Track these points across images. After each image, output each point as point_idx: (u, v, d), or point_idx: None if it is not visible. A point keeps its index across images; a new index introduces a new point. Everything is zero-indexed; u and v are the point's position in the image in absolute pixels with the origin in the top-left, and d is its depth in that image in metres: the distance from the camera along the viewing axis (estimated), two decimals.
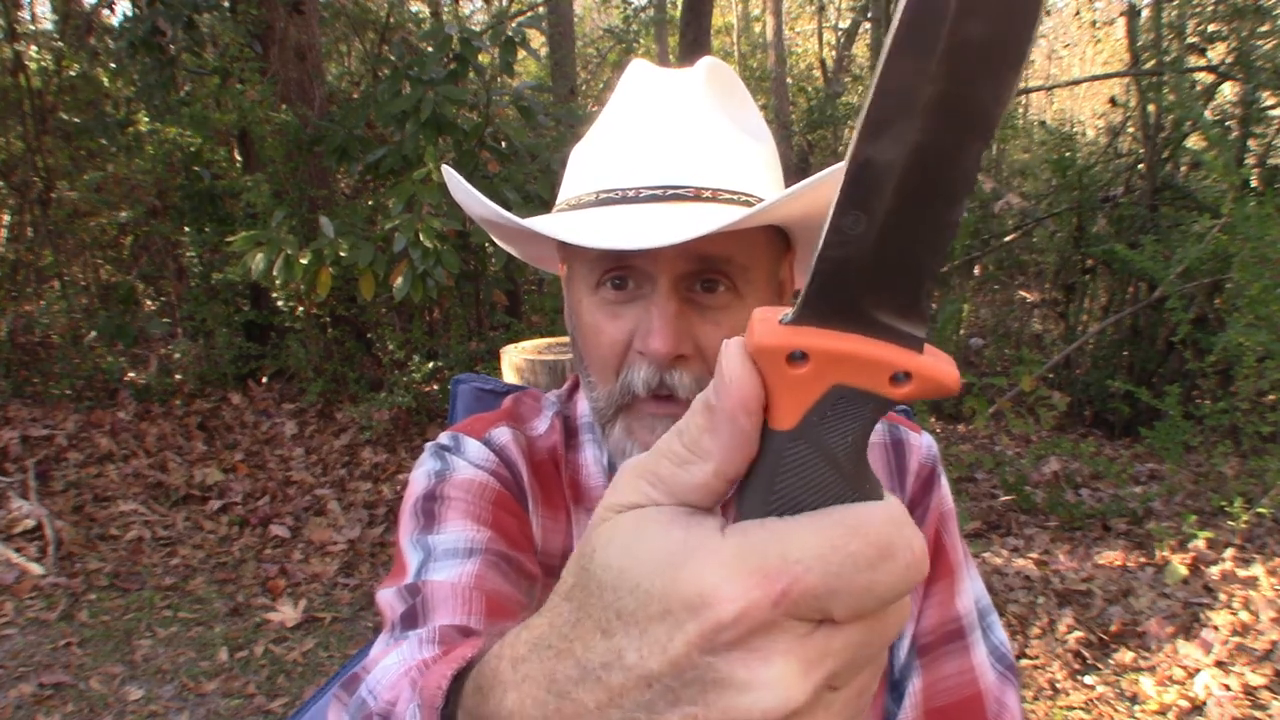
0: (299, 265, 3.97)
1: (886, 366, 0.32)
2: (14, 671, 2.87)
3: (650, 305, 0.75)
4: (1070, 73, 15.45)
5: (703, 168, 0.77)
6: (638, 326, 0.76)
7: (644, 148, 0.78)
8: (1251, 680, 2.62)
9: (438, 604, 0.68)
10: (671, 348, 0.73)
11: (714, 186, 0.76)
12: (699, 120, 0.79)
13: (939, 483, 0.91)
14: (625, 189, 0.77)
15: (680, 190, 0.75)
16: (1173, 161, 6.11)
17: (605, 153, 0.81)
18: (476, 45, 4.34)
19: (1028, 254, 7.90)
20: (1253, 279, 3.62)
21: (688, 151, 0.77)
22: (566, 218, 0.79)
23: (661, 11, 11.40)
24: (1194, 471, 4.20)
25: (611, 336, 0.78)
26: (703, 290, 0.76)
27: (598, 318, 0.79)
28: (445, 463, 0.85)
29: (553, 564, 0.86)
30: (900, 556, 0.30)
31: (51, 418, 4.57)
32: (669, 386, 0.75)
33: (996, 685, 0.87)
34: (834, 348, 0.32)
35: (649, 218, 0.74)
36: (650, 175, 0.76)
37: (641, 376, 0.76)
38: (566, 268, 0.86)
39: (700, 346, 0.76)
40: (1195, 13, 5.93)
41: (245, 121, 4.72)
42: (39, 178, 5.45)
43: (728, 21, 14.70)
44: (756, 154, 0.81)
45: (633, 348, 0.77)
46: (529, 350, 1.97)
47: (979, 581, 0.92)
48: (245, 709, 2.77)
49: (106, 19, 6.13)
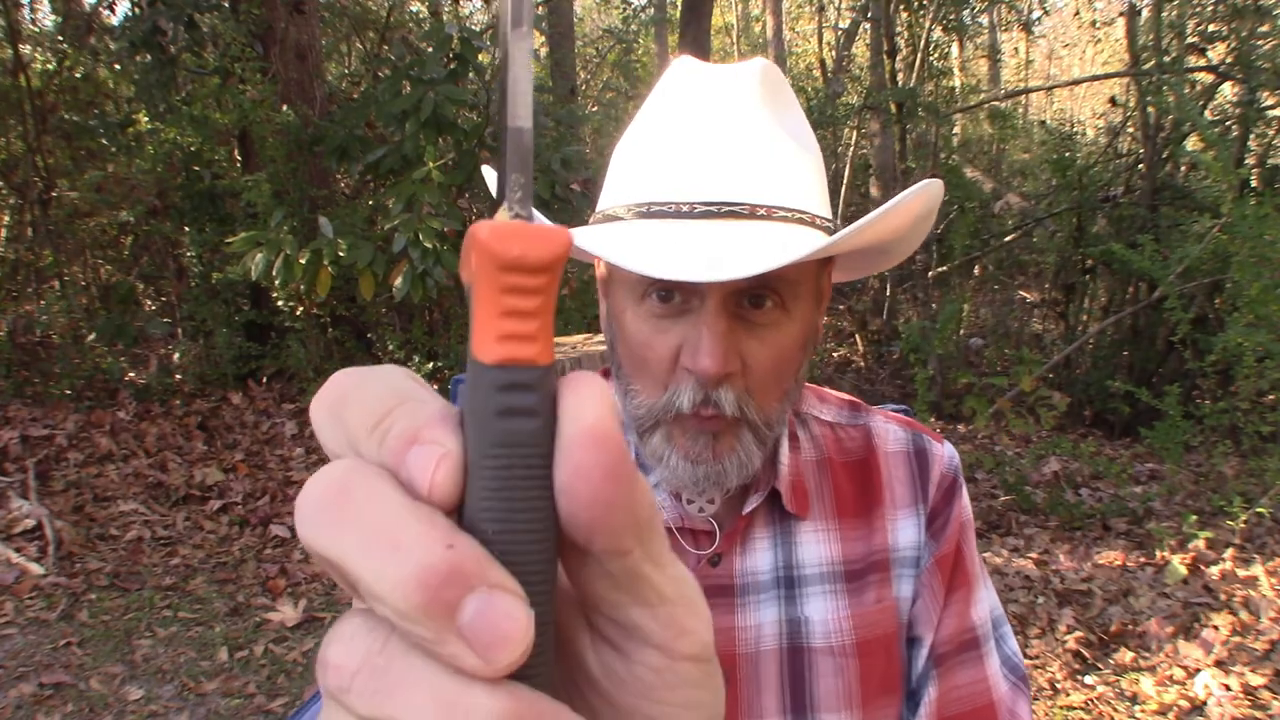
0: (298, 265, 3.98)
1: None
2: (14, 671, 2.87)
3: (700, 323, 0.73)
4: (1070, 73, 15.45)
5: (759, 182, 0.74)
6: (685, 342, 0.75)
7: (697, 158, 0.75)
8: (1251, 680, 2.62)
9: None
10: (721, 367, 0.72)
11: (770, 204, 0.74)
12: (754, 130, 0.76)
13: (960, 492, 0.91)
14: (679, 203, 0.74)
15: (736, 207, 0.73)
16: (1172, 161, 6.12)
17: (655, 160, 0.78)
18: (476, 45, 4.35)
19: (1028, 254, 7.90)
20: (1252, 279, 3.62)
21: (743, 164, 0.75)
22: (616, 233, 0.77)
23: (661, 11, 11.40)
24: (1194, 471, 4.21)
25: (659, 352, 0.76)
26: (750, 306, 0.75)
27: (644, 330, 0.77)
28: None
29: None
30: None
31: (51, 418, 4.57)
32: (714, 403, 0.74)
33: (1009, 696, 0.87)
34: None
35: (706, 239, 0.72)
36: (704, 189, 0.74)
37: (688, 396, 0.74)
38: (604, 268, 0.84)
39: (746, 363, 0.75)
40: (1195, 13, 5.94)
41: (246, 121, 4.73)
42: (39, 178, 5.46)
43: (728, 21, 14.71)
44: (808, 165, 0.79)
45: (680, 363, 0.75)
46: None
47: (993, 591, 0.92)
48: (245, 709, 2.77)
49: (107, 19, 6.13)
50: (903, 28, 7.29)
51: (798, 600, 0.84)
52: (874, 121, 8.30)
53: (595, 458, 0.22)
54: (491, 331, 0.23)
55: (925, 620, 0.86)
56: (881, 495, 0.88)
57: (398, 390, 0.25)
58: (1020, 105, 12.26)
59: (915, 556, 0.87)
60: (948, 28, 7.43)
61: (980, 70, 13.25)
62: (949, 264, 7.13)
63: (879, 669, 0.83)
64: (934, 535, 0.88)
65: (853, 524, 0.87)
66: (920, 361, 5.07)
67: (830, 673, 0.82)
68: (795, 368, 0.79)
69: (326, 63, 6.32)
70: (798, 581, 0.84)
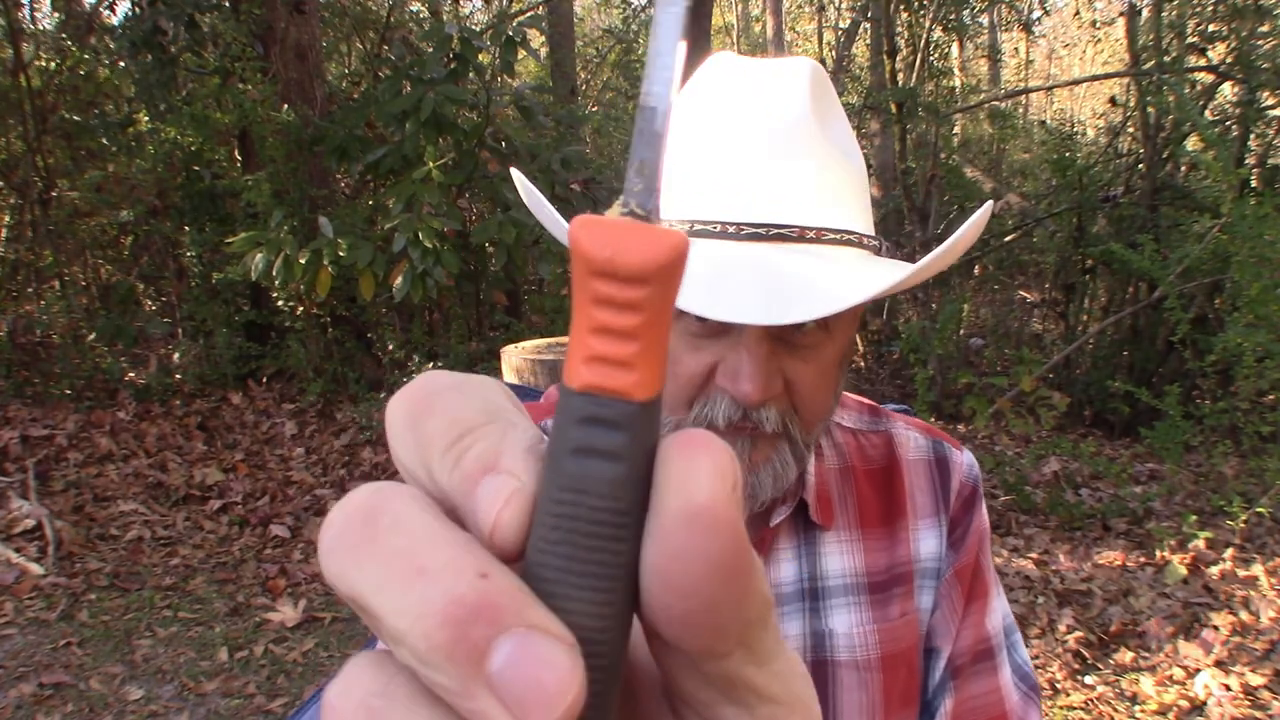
0: (298, 265, 3.98)
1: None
2: (14, 671, 2.87)
3: (740, 347, 0.70)
4: (1070, 73, 15.45)
5: (807, 203, 0.71)
6: (722, 363, 0.72)
7: (744, 175, 0.71)
8: (1251, 680, 2.62)
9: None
10: (764, 394, 0.70)
11: (819, 225, 0.71)
12: (802, 144, 0.72)
13: (979, 502, 0.90)
14: (725, 223, 0.70)
15: (785, 230, 0.70)
16: (1172, 161, 6.11)
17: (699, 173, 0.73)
18: (476, 45, 4.35)
19: (1028, 254, 7.90)
20: (1252, 279, 3.62)
21: (791, 183, 0.71)
22: None
23: None
24: (1194, 471, 4.20)
25: (690, 369, 0.73)
26: (792, 329, 0.71)
27: (677, 347, 0.73)
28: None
29: None
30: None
31: (51, 418, 4.57)
32: (753, 421, 0.72)
33: (1020, 706, 0.87)
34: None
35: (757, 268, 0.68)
36: (752, 210, 0.70)
37: (723, 412, 0.72)
38: None
39: (788, 383, 0.73)
40: (1195, 13, 5.94)
41: (246, 121, 4.73)
42: (39, 178, 5.46)
43: (728, 21, 14.71)
44: (854, 179, 0.76)
45: (714, 382, 0.72)
46: (529, 350, 1.98)
47: (1004, 599, 0.91)
48: (245, 709, 2.77)
49: (107, 19, 6.13)
50: (903, 28, 7.29)
51: (822, 613, 0.83)
52: (874, 121, 8.30)
53: (701, 545, 0.19)
54: (580, 351, 0.19)
55: (944, 632, 0.86)
56: (904, 505, 0.87)
57: (488, 407, 0.22)
58: (1020, 105, 12.27)
59: (936, 568, 0.86)
60: (948, 28, 7.42)
61: (980, 70, 13.25)
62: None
63: (901, 682, 0.83)
64: (953, 545, 0.87)
65: (876, 534, 0.86)
66: (920, 361, 5.07)
67: (854, 686, 0.81)
68: (836, 384, 0.77)
69: (326, 63, 6.32)
70: (822, 594, 0.83)
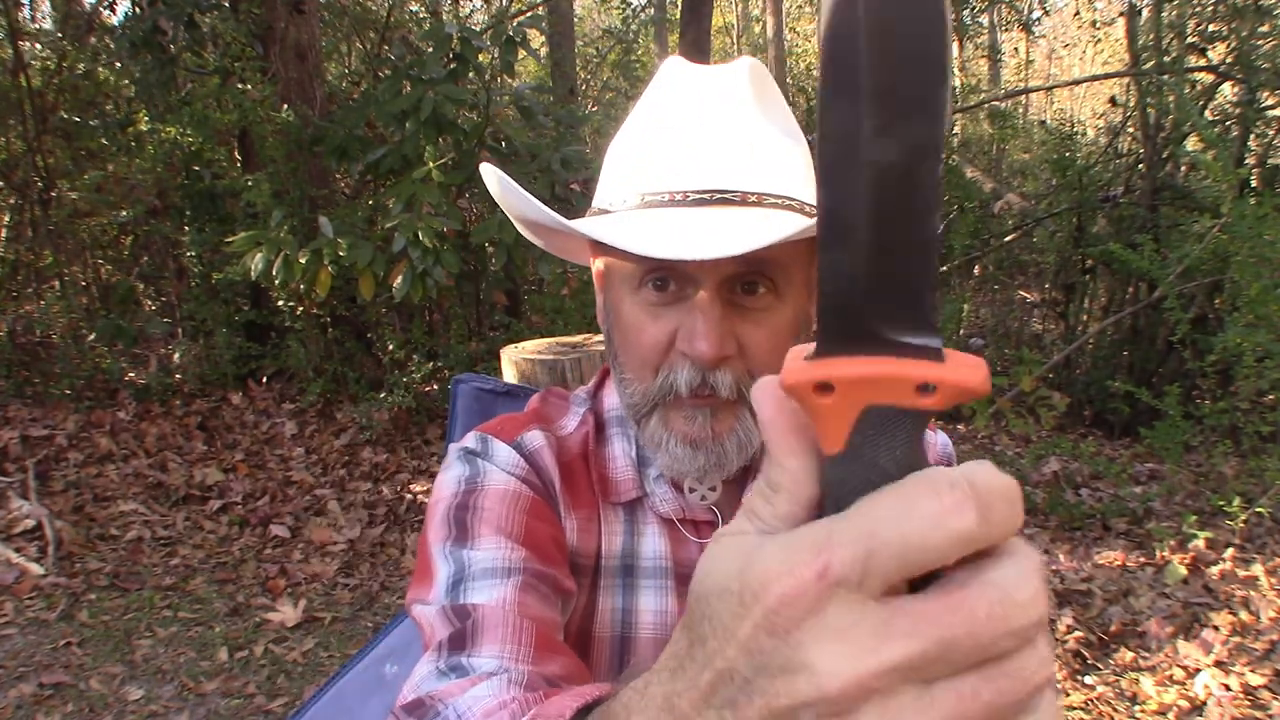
0: (298, 265, 3.97)
1: (908, 380, 0.33)
2: (14, 671, 2.87)
3: (694, 309, 0.75)
4: (1070, 73, 15.45)
5: (749, 171, 0.77)
6: (680, 328, 0.77)
7: (690, 150, 0.78)
8: (1251, 680, 2.62)
9: (488, 629, 0.69)
10: (717, 351, 0.74)
11: (760, 191, 0.76)
12: (743, 122, 0.79)
13: None
14: (672, 192, 0.77)
15: (728, 195, 0.76)
16: (1172, 161, 6.11)
17: (649, 153, 0.81)
18: (476, 45, 4.34)
19: (1028, 254, 7.90)
20: (1252, 279, 3.62)
21: (734, 155, 0.77)
22: (613, 221, 0.79)
23: (661, 11, 11.41)
24: (1194, 471, 4.20)
25: (653, 336, 0.78)
26: (744, 292, 0.77)
27: (640, 317, 0.79)
28: (475, 468, 0.84)
29: (586, 564, 0.86)
30: (926, 504, 0.30)
31: (51, 418, 4.57)
32: (711, 386, 0.76)
33: None
34: (853, 373, 0.33)
35: (698, 223, 0.74)
36: (697, 179, 0.76)
37: (684, 377, 0.76)
38: (601, 263, 0.86)
39: (742, 346, 0.77)
40: (1195, 13, 5.94)
41: (246, 121, 4.72)
42: (39, 178, 5.46)
43: (728, 21, 14.71)
44: (797, 156, 0.81)
45: (675, 348, 0.77)
46: (529, 350, 1.98)
47: None
48: (245, 709, 2.77)
49: (107, 19, 6.13)
50: None
51: None
52: None
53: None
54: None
55: None
56: None
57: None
58: (1020, 105, 12.26)
59: None
60: None
61: (980, 70, 13.25)
62: (949, 264, 7.13)
63: None
64: None
65: None
66: None
67: None
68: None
69: (326, 63, 6.32)
70: None
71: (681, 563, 0.86)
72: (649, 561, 0.86)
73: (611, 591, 0.86)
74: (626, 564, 0.87)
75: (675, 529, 0.87)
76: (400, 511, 4.12)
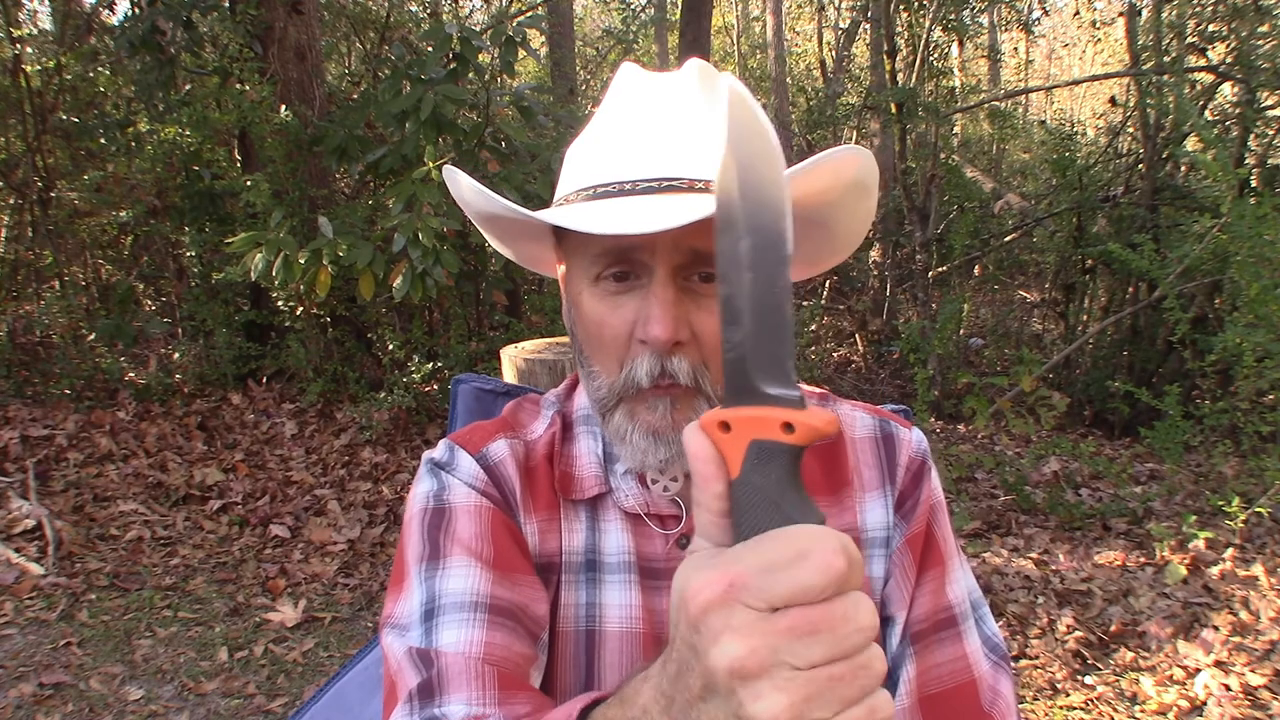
0: (298, 265, 3.97)
1: (776, 421, 0.48)
2: (14, 671, 2.87)
3: (649, 294, 0.78)
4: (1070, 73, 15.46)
5: (695, 160, 0.79)
6: (638, 316, 0.79)
7: (638, 143, 0.81)
8: (1251, 680, 2.62)
9: (452, 678, 0.74)
10: (671, 333, 0.76)
11: (707, 178, 0.79)
12: (689, 116, 0.82)
13: (929, 475, 0.93)
14: (621, 182, 0.79)
15: (674, 181, 0.78)
16: (1172, 161, 6.11)
17: (600, 149, 0.84)
18: (476, 45, 4.34)
19: (1028, 254, 7.91)
20: (1252, 279, 3.62)
21: (680, 145, 0.80)
22: (565, 210, 0.82)
23: (661, 12, 11.41)
24: (1194, 471, 4.20)
25: (614, 328, 0.80)
26: (700, 281, 0.79)
27: (599, 310, 0.81)
28: (440, 483, 0.87)
29: (550, 563, 0.88)
30: (814, 559, 0.44)
31: (51, 418, 4.57)
32: (670, 374, 0.78)
33: (990, 673, 0.88)
34: (741, 415, 0.49)
35: (646, 208, 0.76)
36: (645, 168, 0.79)
37: (645, 368, 0.79)
38: (564, 266, 0.89)
39: (696, 333, 0.79)
40: (1195, 13, 5.94)
41: (245, 121, 4.72)
42: (39, 178, 5.46)
43: (728, 21, 14.71)
44: None
45: (634, 337, 0.80)
46: (529, 350, 1.98)
47: (970, 574, 0.94)
48: (245, 709, 2.77)
49: (106, 19, 6.13)
50: (903, 28, 7.29)
51: None
52: (874, 121, 8.30)
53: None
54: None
55: (898, 599, 0.88)
56: (849, 478, 0.91)
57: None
58: (1020, 105, 12.27)
59: (885, 537, 0.90)
60: (948, 28, 7.42)
61: (980, 70, 13.25)
62: (949, 264, 7.13)
63: None
64: (904, 516, 0.90)
65: (821, 502, 0.89)
66: (920, 361, 5.07)
67: None
68: None
69: (326, 63, 6.31)
70: None
71: (645, 556, 0.88)
72: (612, 557, 0.88)
73: (574, 587, 0.88)
74: (590, 559, 0.88)
75: (641, 523, 0.88)
76: (400, 512, 4.12)
